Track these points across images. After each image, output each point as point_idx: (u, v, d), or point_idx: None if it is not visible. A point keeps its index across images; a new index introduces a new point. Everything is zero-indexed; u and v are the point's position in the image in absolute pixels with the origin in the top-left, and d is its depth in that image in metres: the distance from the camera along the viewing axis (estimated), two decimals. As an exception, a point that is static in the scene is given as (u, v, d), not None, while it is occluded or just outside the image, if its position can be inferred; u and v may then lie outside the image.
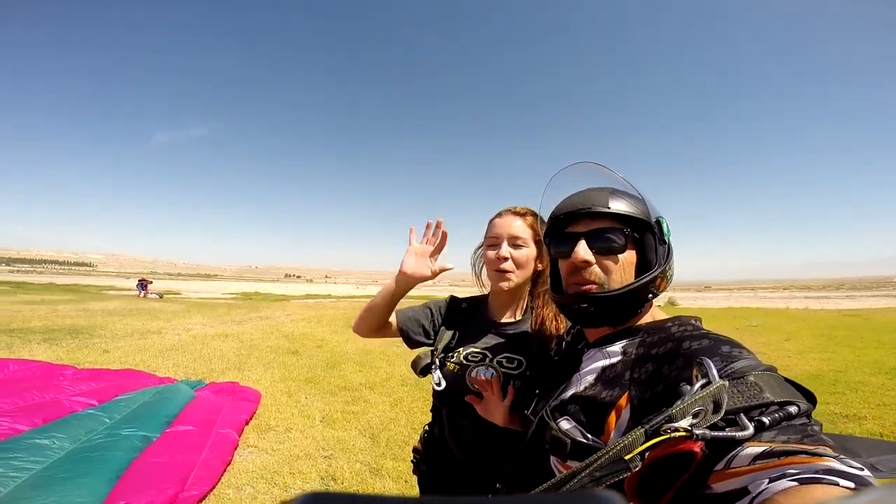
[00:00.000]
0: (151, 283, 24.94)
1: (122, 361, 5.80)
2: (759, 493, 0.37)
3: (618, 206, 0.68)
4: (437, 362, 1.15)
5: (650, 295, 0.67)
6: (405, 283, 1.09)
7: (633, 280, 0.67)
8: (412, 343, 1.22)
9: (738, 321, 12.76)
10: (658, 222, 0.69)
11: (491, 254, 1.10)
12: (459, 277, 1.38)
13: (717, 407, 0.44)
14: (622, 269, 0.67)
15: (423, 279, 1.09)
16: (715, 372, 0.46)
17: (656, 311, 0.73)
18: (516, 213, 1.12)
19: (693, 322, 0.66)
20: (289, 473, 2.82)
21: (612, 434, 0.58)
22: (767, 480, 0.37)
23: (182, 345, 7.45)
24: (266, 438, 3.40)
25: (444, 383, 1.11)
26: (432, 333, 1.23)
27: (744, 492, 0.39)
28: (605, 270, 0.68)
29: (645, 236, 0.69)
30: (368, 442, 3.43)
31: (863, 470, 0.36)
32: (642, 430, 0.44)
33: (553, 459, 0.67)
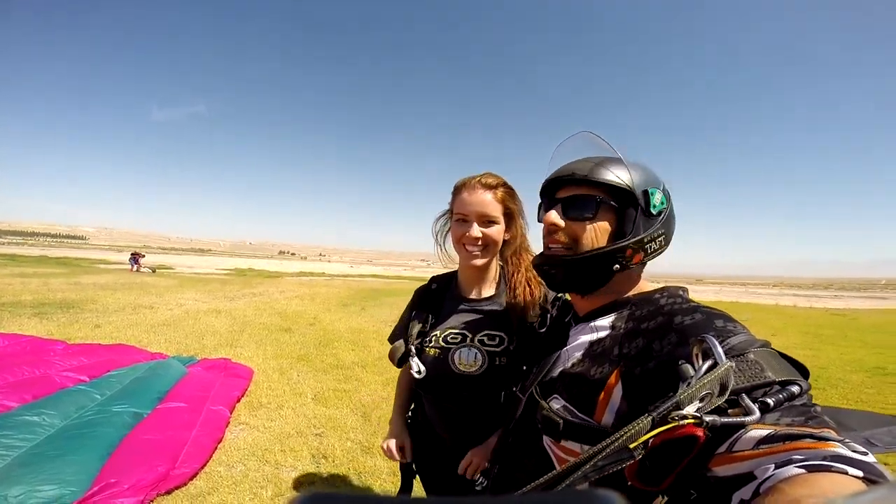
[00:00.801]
0: (144, 256, 24.66)
1: (114, 336, 5.77)
2: (766, 479, 0.36)
3: (600, 174, 0.66)
4: (414, 350, 1.11)
5: (617, 265, 0.66)
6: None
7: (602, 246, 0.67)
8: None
9: (727, 314, 12.96)
10: (646, 193, 0.67)
11: (460, 231, 1.06)
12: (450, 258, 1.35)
13: (722, 389, 0.42)
14: (592, 236, 0.67)
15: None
16: (721, 352, 0.45)
17: (644, 283, 0.72)
18: (487, 187, 1.05)
19: (681, 294, 0.66)
20: (280, 451, 2.84)
21: (605, 412, 0.57)
22: (773, 466, 0.37)
23: (174, 320, 7.42)
24: (258, 416, 3.42)
25: (424, 370, 1.08)
26: None
27: (749, 476, 0.38)
28: (572, 235, 0.69)
29: (628, 207, 0.67)
30: (360, 420, 3.46)
31: (867, 454, 0.35)
32: (649, 418, 0.42)
33: (546, 439, 0.67)
